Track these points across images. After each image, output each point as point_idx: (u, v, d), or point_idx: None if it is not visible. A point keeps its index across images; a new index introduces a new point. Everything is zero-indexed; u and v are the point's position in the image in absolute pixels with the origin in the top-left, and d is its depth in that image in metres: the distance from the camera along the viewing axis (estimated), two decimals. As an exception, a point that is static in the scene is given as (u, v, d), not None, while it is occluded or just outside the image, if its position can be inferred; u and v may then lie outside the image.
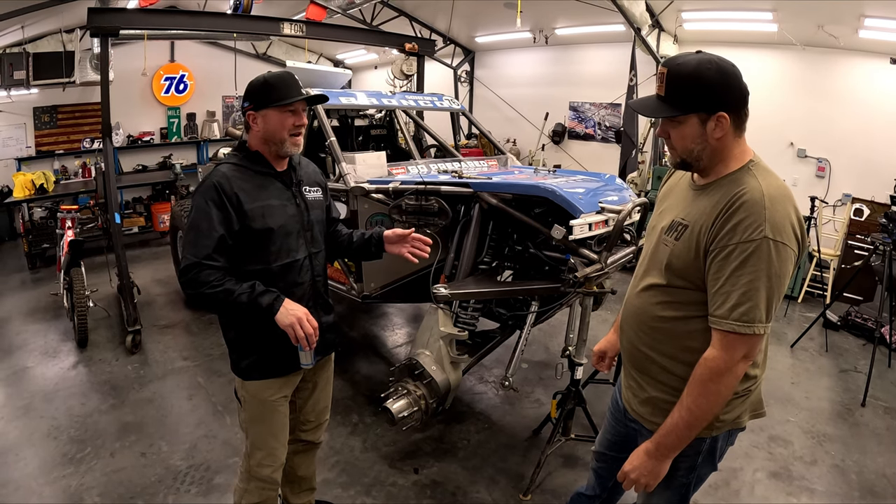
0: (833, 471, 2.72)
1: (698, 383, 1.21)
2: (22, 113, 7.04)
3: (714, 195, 1.23)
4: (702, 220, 1.22)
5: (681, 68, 1.20)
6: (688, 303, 1.27)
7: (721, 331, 1.18)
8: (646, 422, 1.41)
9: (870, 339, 4.20)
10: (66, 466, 2.61)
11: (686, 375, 1.25)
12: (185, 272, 1.55)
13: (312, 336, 1.57)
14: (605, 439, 1.67)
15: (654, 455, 1.29)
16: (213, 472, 2.57)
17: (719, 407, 1.24)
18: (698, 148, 1.23)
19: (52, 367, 3.65)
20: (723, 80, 1.18)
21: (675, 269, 1.28)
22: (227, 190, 1.58)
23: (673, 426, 1.25)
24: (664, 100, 1.23)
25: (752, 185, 1.18)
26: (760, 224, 1.13)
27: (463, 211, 2.63)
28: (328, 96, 1.89)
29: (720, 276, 1.17)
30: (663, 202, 1.45)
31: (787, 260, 1.14)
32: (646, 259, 1.42)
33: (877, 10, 4.35)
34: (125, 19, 3.89)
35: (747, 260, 1.13)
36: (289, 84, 1.65)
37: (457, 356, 2.27)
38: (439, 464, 2.67)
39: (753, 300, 1.14)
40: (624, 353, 1.50)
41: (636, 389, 1.44)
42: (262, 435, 1.79)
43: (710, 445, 1.34)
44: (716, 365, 1.19)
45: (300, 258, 1.72)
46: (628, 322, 1.44)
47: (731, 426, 1.34)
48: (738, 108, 1.21)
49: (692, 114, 1.20)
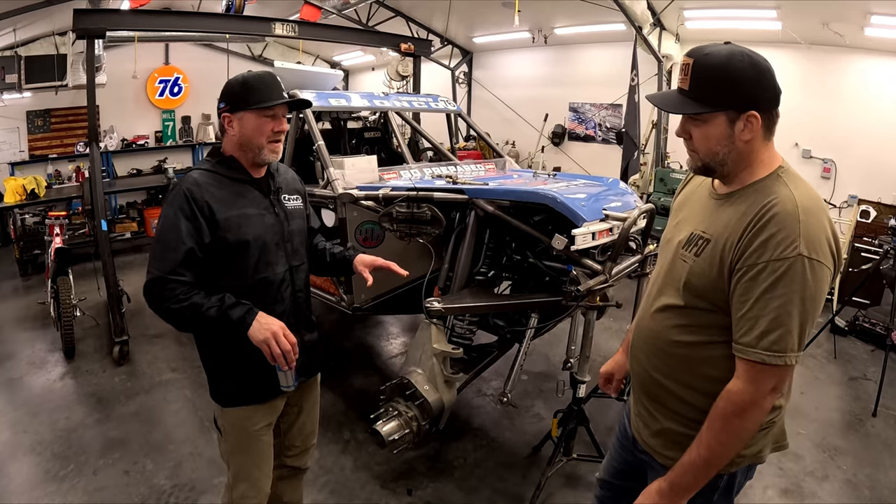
0: (846, 486, 2.62)
1: (721, 418, 1.09)
2: (15, 117, 6.97)
3: (740, 205, 1.10)
4: (727, 234, 1.09)
5: (709, 59, 1.07)
6: (708, 326, 1.15)
7: (748, 360, 1.05)
8: (657, 455, 1.29)
9: (878, 344, 4.09)
10: (49, 484, 2.52)
11: (705, 407, 1.13)
12: (149, 287, 1.42)
13: (291, 353, 1.43)
14: (612, 467, 1.54)
15: (667, 495, 1.17)
16: (197, 493, 2.47)
17: (743, 444, 1.12)
18: (724, 151, 1.11)
19: (38, 379, 3.56)
20: (756, 76, 1.06)
21: (695, 289, 1.15)
22: (198, 198, 1.45)
23: (690, 464, 1.13)
24: (688, 94, 1.10)
25: (783, 194, 1.06)
26: (794, 240, 1.00)
27: (458, 218, 2.52)
28: (311, 101, 1.78)
29: (748, 299, 1.04)
30: (679, 212, 1.31)
31: (822, 280, 1.02)
32: (660, 276, 1.28)
33: (884, 8, 4.26)
34: (112, 21, 3.79)
35: (779, 280, 1.01)
36: (269, 86, 1.53)
37: (451, 374, 2.16)
38: (434, 484, 2.56)
39: (786, 326, 1.02)
40: (635, 380, 1.36)
41: (648, 419, 1.31)
42: (245, 466, 1.67)
43: (727, 482, 1.23)
44: (741, 399, 1.06)
45: (280, 272, 1.60)
46: (640, 346, 1.31)
47: (752, 460, 1.23)
48: (771, 108, 1.10)
49: (720, 112, 1.08)
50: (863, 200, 5.04)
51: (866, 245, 4.89)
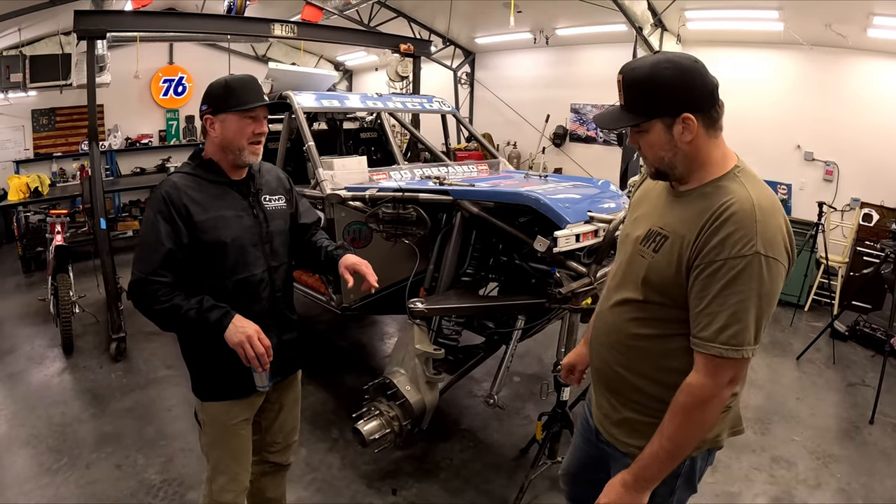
0: (839, 495, 2.58)
1: (681, 411, 1.12)
2: (20, 115, 7.06)
3: (697, 203, 1.13)
4: (684, 232, 1.12)
5: (635, 72, 1.12)
6: (666, 320, 1.18)
7: (706, 354, 1.09)
8: (619, 443, 1.31)
9: (878, 349, 4.03)
10: (42, 477, 2.57)
11: (664, 397, 1.16)
12: (133, 289, 1.48)
13: (264, 356, 1.48)
14: (576, 459, 1.58)
15: (632, 487, 1.19)
16: (186, 488, 2.50)
17: (704, 435, 1.16)
18: (669, 155, 1.14)
19: (36, 374, 3.62)
20: (683, 79, 1.09)
21: (653, 285, 1.18)
22: (176, 201, 1.50)
23: (653, 456, 1.16)
24: (625, 108, 1.15)
25: (740, 194, 1.08)
26: (751, 238, 1.03)
27: (445, 219, 2.52)
28: (291, 104, 1.79)
29: (706, 295, 1.07)
30: (637, 209, 1.34)
31: (778, 277, 1.07)
32: (619, 271, 1.31)
33: (886, 9, 4.20)
34: (113, 22, 3.83)
35: (737, 278, 1.04)
36: (250, 89, 1.57)
37: (433, 376, 2.16)
38: (419, 485, 2.57)
39: (743, 322, 1.05)
40: (595, 373, 1.39)
41: (609, 410, 1.34)
42: (224, 459, 1.71)
43: (689, 468, 1.26)
44: (701, 392, 1.10)
45: (257, 272, 1.62)
46: (600, 339, 1.34)
47: (711, 445, 1.27)
48: (707, 107, 1.11)
49: (655, 120, 1.12)
50: (865, 204, 4.98)
51: (868, 249, 4.84)
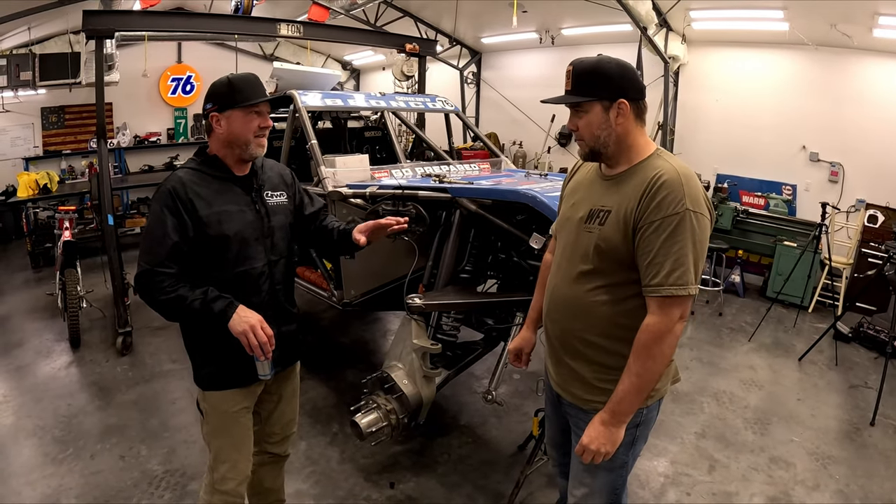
0: (836, 496, 2.58)
1: (644, 348, 1.31)
2: (30, 113, 7.16)
3: (632, 180, 1.35)
4: (626, 203, 1.33)
5: (584, 63, 1.38)
6: (620, 284, 1.37)
7: (659, 297, 1.29)
8: (581, 401, 1.48)
9: (882, 351, 4.01)
10: (47, 467, 2.63)
11: (617, 350, 1.38)
12: (139, 280, 1.53)
13: (267, 345, 1.53)
14: (553, 430, 1.73)
15: (609, 423, 1.37)
16: (188, 479, 2.55)
17: (664, 367, 1.35)
18: (604, 134, 1.36)
19: (43, 367, 3.69)
20: (621, 73, 1.35)
21: (604, 251, 1.37)
22: (182, 196, 1.55)
23: (624, 393, 1.34)
24: (570, 93, 1.39)
25: (666, 167, 1.32)
26: (682, 199, 1.27)
27: (444, 217, 2.54)
28: (292, 98, 1.82)
29: (651, 249, 1.29)
30: (573, 196, 1.53)
31: (705, 228, 1.31)
32: (567, 250, 1.48)
33: (892, 9, 4.18)
34: (120, 21, 3.89)
35: (675, 231, 1.26)
36: (253, 85, 1.64)
37: (430, 370, 2.19)
38: (416, 479, 2.59)
39: (685, 265, 1.27)
40: (554, 342, 1.54)
41: (568, 374, 1.51)
42: (225, 447, 1.75)
43: (645, 416, 1.46)
44: (658, 329, 1.29)
45: (258, 266, 1.67)
46: (559, 311, 1.50)
47: (660, 395, 1.48)
48: (637, 99, 1.36)
49: (595, 101, 1.34)
50: (870, 205, 4.94)
51: (873, 250, 4.80)
